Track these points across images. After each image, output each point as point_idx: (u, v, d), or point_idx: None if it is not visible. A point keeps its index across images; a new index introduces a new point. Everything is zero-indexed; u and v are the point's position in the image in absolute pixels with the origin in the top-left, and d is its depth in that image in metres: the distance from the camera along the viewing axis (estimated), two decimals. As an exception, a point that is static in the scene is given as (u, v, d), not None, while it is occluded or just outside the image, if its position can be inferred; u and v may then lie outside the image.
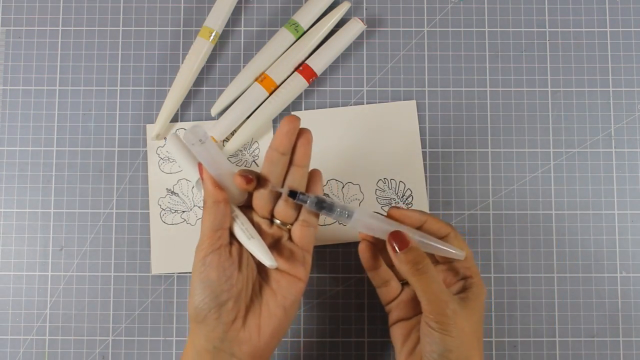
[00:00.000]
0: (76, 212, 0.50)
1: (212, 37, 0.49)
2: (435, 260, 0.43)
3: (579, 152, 0.50)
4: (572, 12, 0.51)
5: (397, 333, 0.42)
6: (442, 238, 0.41)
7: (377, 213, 0.41)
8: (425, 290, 0.38)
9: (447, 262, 0.42)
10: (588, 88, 0.51)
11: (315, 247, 0.49)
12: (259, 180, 0.38)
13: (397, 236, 0.39)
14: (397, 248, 0.38)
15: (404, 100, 0.51)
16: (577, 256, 0.49)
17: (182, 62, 0.49)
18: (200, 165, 0.39)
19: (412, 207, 0.49)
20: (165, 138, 0.50)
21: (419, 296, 0.38)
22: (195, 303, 0.37)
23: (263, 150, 0.50)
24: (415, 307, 0.43)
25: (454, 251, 0.40)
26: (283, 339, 0.49)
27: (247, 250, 0.39)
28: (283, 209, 0.39)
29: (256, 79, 0.49)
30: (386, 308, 0.44)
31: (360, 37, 0.51)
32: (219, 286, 0.37)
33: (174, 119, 0.50)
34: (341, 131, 0.50)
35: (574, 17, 0.51)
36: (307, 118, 0.50)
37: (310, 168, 0.40)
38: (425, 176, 0.50)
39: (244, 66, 0.50)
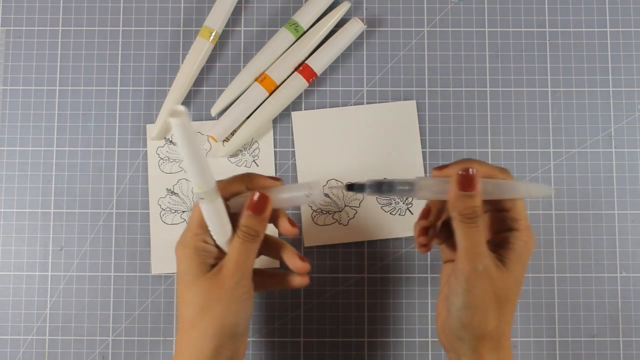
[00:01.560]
0: (76, 212, 0.50)
1: (212, 37, 0.49)
2: (488, 205, 0.40)
3: (579, 152, 0.50)
4: (572, 12, 0.51)
5: (443, 273, 0.41)
6: None
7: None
8: (468, 242, 0.36)
9: (496, 211, 0.39)
10: (588, 88, 0.51)
11: (315, 247, 0.49)
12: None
13: (466, 176, 0.36)
14: (461, 187, 0.36)
15: (404, 100, 0.51)
16: (577, 256, 0.49)
17: (182, 62, 0.49)
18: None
19: (413, 207, 0.49)
20: (165, 138, 0.50)
21: (457, 243, 0.37)
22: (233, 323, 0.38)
23: (263, 150, 0.50)
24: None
25: (535, 190, 0.37)
26: (283, 339, 0.49)
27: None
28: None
29: (256, 79, 0.49)
30: (440, 247, 0.42)
31: (360, 37, 0.51)
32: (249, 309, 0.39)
33: (174, 119, 0.50)
34: (341, 131, 0.50)
35: (574, 17, 0.51)
36: (307, 118, 0.50)
37: (310, 168, 0.40)
38: (425, 176, 0.50)
39: (244, 66, 0.50)
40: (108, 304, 0.49)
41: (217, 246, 0.38)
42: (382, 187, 0.38)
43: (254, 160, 0.50)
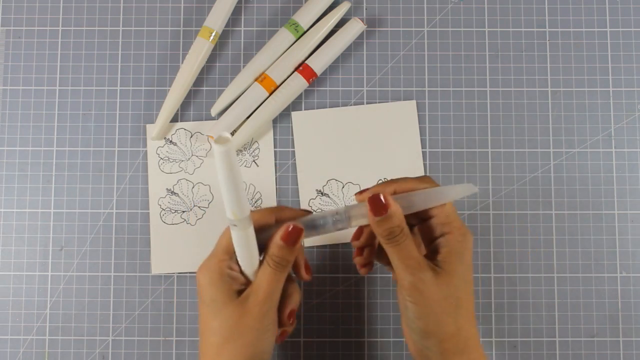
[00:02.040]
0: (76, 212, 0.50)
1: (212, 37, 0.49)
2: (417, 218, 0.40)
3: (579, 152, 0.50)
4: (572, 12, 0.51)
5: (397, 294, 0.41)
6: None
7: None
8: (398, 259, 0.37)
9: (423, 220, 0.40)
10: (588, 88, 0.51)
11: (315, 247, 0.49)
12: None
13: (375, 201, 0.37)
14: (375, 212, 0.37)
15: (404, 100, 0.51)
16: (577, 256, 0.49)
17: (182, 62, 0.49)
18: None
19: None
20: (165, 138, 0.50)
21: (392, 263, 0.38)
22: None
23: (263, 150, 0.50)
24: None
25: (459, 191, 0.38)
26: (283, 339, 0.49)
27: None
28: None
29: (256, 79, 0.49)
30: (387, 268, 0.43)
31: (360, 37, 0.51)
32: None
33: (174, 119, 0.50)
34: (341, 131, 0.50)
35: (574, 17, 0.51)
36: (307, 118, 0.50)
37: (310, 168, 0.40)
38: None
39: (244, 66, 0.50)
40: (108, 304, 0.49)
41: (242, 273, 0.38)
42: (316, 226, 0.39)
43: (254, 160, 0.50)
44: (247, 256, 0.38)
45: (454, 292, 0.37)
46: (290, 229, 0.38)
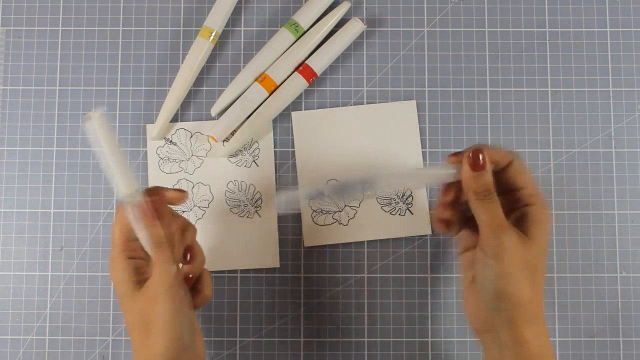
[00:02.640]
0: (76, 212, 0.50)
1: (212, 37, 0.49)
2: (501, 189, 0.41)
3: (579, 152, 0.50)
4: (572, 12, 0.51)
5: (465, 261, 0.42)
6: (507, 166, 0.39)
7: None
8: (488, 217, 0.37)
9: (510, 191, 0.40)
10: (588, 88, 0.51)
11: (315, 247, 0.49)
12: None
13: (477, 156, 0.38)
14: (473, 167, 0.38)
15: (404, 100, 0.51)
16: (577, 256, 0.49)
17: (182, 62, 0.49)
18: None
19: (413, 207, 0.49)
20: (165, 138, 0.50)
21: (478, 221, 0.38)
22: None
23: (263, 150, 0.50)
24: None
25: (443, 171, 0.39)
26: (283, 339, 0.49)
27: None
28: None
29: (256, 79, 0.49)
30: (455, 237, 0.43)
31: (360, 37, 0.51)
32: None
33: (174, 119, 0.50)
34: (341, 131, 0.50)
35: (574, 17, 0.51)
36: (307, 118, 0.50)
37: (310, 168, 0.40)
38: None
39: (244, 66, 0.50)
40: (108, 304, 0.49)
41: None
42: (343, 190, 0.39)
43: (254, 160, 0.50)
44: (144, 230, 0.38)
45: (534, 259, 0.37)
46: (146, 208, 0.38)
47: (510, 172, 0.39)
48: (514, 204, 0.39)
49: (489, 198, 0.37)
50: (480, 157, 0.38)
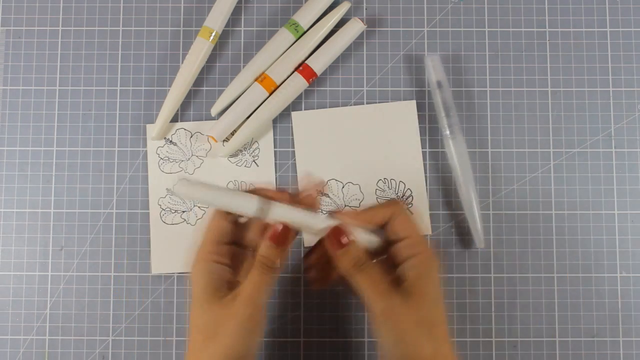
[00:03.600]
0: (76, 212, 0.50)
1: (212, 37, 0.49)
2: (387, 240, 0.41)
3: (579, 152, 0.50)
4: (572, 12, 0.51)
5: (374, 327, 0.42)
6: (389, 220, 0.40)
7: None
8: (367, 286, 0.37)
9: (390, 246, 0.40)
10: (588, 88, 0.51)
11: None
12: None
13: (337, 232, 0.38)
14: (337, 244, 0.38)
15: (404, 100, 0.51)
16: (577, 256, 0.49)
17: (182, 62, 0.49)
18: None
19: (413, 207, 0.49)
20: (165, 138, 0.50)
21: (362, 293, 0.38)
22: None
23: (263, 150, 0.50)
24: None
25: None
26: (283, 339, 0.49)
27: None
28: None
29: (256, 79, 0.49)
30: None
31: (360, 37, 0.51)
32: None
33: (174, 119, 0.50)
34: (341, 131, 0.50)
35: (574, 17, 0.51)
36: (307, 118, 0.50)
37: (310, 168, 0.40)
38: (425, 176, 0.50)
39: (244, 66, 0.50)
40: (108, 304, 0.49)
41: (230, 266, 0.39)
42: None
43: (254, 160, 0.50)
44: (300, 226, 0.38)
45: (427, 314, 0.37)
46: (279, 229, 0.37)
47: (393, 225, 0.39)
48: (400, 256, 0.39)
49: (361, 268, 0.37)
50: (342, 237, 0.37)
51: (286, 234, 0.37)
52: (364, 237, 0.39)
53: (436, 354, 0.37)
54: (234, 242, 0.40)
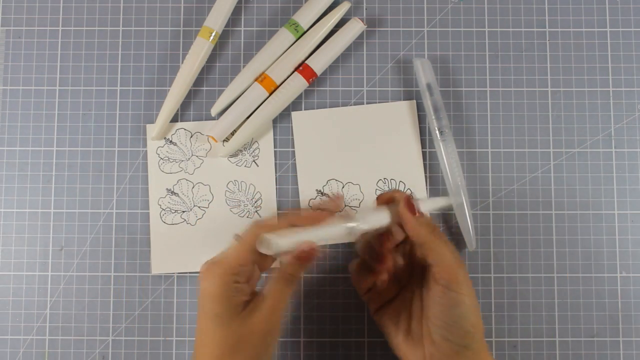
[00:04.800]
0: (76, 212, 0.50)
1: (212, 37, 0.49)
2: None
3: (579, 152, 0.50)
4: (572, 12, 0.51)
5: (385, 318, 0.42)
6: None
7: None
8: (441, 252, 0.38)
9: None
10: (588, 88, 0.51)
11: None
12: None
13: (410, 202, 0.39)
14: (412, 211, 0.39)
15: (404, 100, 0.51)
16: (577, 256, 0.49)
17: (182, 62, 0.49)
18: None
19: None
20: (165, 138, 0.50)
21: (432, 260, 0.38)
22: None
23: (263, 150, 0.50)
24: (393, 287, 0.43)
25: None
26: (283, 339, 0.49)
27: None
28: None
29: (256, 79, 0.49)
30: (364, 297, 0.44)
31: (360, 37, 0.51)
32: None
33: (174, 119, 0.50)
34: (341, 131, 0.50)
35: (574, 17, 0.51)
36: (307, 118, 0.50)
37: (310, 168, 0.40)
38: (425, 176, 0.50)
39: (244, 66, 0.50)
40: (108, 304, 0.49)
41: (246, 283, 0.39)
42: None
43: (254, 160, 0.50)
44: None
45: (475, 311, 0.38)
46: (306, 248, 0.38)
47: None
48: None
49: (439, 234, 0.38)
50: (415, 206, 0.39)
51: (313, 254, 0.38)
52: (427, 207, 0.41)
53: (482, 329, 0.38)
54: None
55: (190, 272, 0.49)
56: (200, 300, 0.38)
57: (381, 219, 0.40)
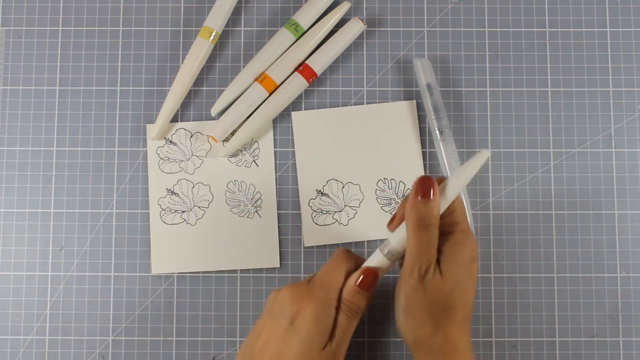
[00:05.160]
0: (76, 212, 0.50)
1: (212, 37, 0.49)
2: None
3: (579, 152, 0.50)
4: (572, 12, 0.51)
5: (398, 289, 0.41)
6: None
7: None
8: (415, 245, 0.37)
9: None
10: (588, 88, 0.51)
11: (315, 247, 0.49)
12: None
13: (426, 183, 0.37)
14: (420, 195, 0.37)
15: (404, 100, 0.51)
16: (577, 256, 0.49)
17: (182, 62, 0.49)
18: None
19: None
20: (165, 138, 0.50)
21: (407, 247, 0.37)
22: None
23: (263, 150, 0.50)
24: None
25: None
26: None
27: None
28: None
29: (256, 79, 0.49)
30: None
31: (360, 37, 0.51)
32: None
33: (174, 119, 0.50)
34: (341, 131, 0.50)
35: (574, 17, 0.51)
36: (307, 118, 0.50)
37: (310, 168, 0.40)
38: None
39: (244, 66, 0.50)
40: (108, 304, 0.49)
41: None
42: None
43: (254, 160, 0.50)
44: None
45: (445, 296, 0.37)
46: (365, 273, 0.37)
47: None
48: (440, 228, 0.38)
49: (427, 229, 0.37)
50: (429, 190, 0.37)
51: (373, 277, 0.38)
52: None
53: (433, 336, 0.37)
54: None
55: (190, 272, 0.49)
56: (295, 317, 0.37)
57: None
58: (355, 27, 0.49)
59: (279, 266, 0.49)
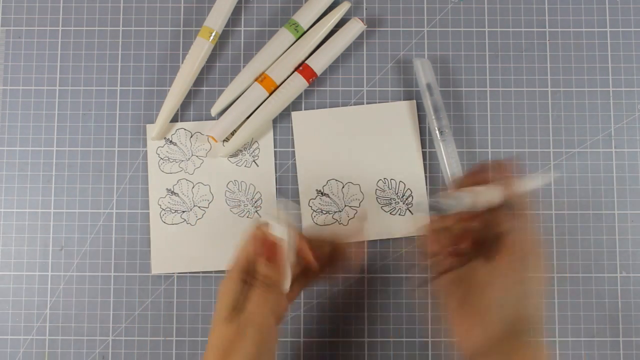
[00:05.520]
0: (76, 212, 0.50)
1: (212, 37, 0.49)
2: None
3: (579, 152, 0.50)
4: (572, 12, 0.51)
5: (444, 285, 0.40)
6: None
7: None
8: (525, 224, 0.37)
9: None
10: (588, 88, 0.51)
11: (315, 247, 0.49)
12: None
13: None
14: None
15: (404, 100, 0.51)
16: (577, 256, 0.49)
17: (182, 62, 0.49)
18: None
19: (413, 207, 0.49)
20: (165, 138, 0.50)
21: (508, 235, 0.37)
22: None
23: (263, 150, 0.50)
24: (460, 258, 0.40)
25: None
26: (283, 339, 0.49)
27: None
28: None
29: (256, 79, 0.49)
30: (429, 260, 0.41)
31: (360, 37, 0.51)
32: None
33: (174, 119, 0.50)
34: (341, 131, 0.50)
35: (574, 17, 0.51)
36: (307, 118, 0.50)
37: (310, 168, 0.40)
38: (425, 176, 0.50)
39: (244, 66, 0.50)
40: (108, 304, 0.49)
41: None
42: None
43: (254, 160, 0.50)
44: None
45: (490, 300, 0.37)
46: (265, 244, 0.38)
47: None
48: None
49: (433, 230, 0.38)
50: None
51: (272, 249, 0.38)
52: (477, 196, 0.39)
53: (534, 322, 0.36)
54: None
55: (190, 272, 0.49)
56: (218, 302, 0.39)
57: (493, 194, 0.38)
58: (355, 27, 0.49)
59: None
